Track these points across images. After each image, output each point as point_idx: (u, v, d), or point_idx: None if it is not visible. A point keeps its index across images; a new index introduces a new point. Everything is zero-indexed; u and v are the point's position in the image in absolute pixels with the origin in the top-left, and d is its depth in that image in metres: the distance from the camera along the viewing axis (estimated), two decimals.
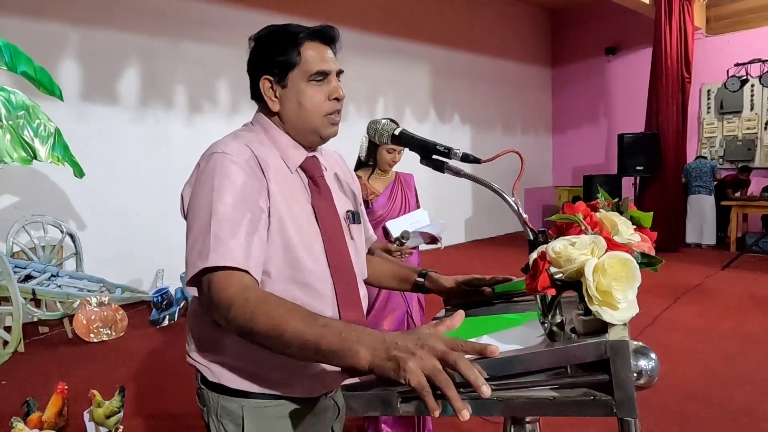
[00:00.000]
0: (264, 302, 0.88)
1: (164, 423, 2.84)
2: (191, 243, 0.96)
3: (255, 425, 1.05)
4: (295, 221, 1.04)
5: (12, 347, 3.71)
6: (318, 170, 1.14)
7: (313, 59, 1.05)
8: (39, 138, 3.10)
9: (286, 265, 1.02)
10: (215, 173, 0.98)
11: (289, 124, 1.09)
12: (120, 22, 5.13)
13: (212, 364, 1.06)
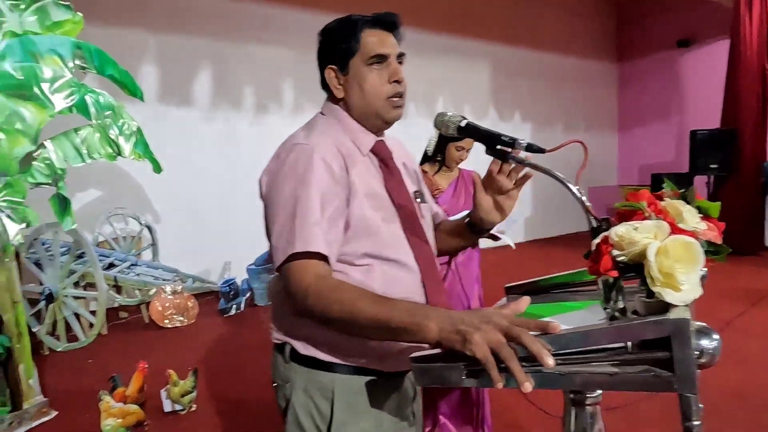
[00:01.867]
0: (336, 290, 0.95)
1: (233, 405, 3.00)
2: (278, 230, 1.02)
3: (344, 399, 1.09)
4: (375, 204, 1.09)
5: (97, 329, 4.03)
6: (387, 153, 1.19)
7: (371, 44, 1.10)
8: (123, 136, 3.35)
9: (376, 246, 1.08)
10: (298, 164, 1.04)
11: (355, 110, 1.15)
12: (193, 27, 5.43)
13: (303, 338, 1.11)
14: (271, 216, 1.05)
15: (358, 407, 1.11)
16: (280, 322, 1.18)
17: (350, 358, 1.10)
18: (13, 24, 2.85)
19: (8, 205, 2.76)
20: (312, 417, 1.12)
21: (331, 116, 1.17)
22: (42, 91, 2.88)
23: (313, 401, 1.12)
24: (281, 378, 1.19)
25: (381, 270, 1.08)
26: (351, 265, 1.07)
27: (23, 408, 2.76)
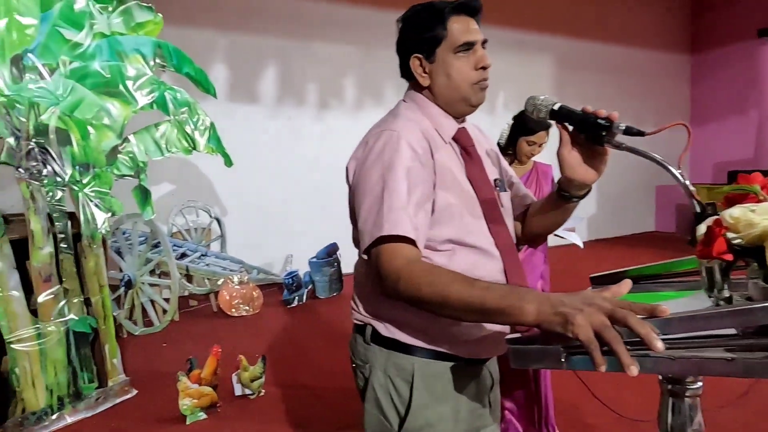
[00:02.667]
0: (428, 273, 0.96)
1: (299, 392, 3.08)
2: (365, 214, 1.04)
3: (423, 383, 1.10)
4: (457, 191, 1.10)
5: (170, 316, 4.24)
6: (469, 140, 1.19)
7: (458, 32, 1.10)
8: (198, 131, 3.50)
9: (459, 233, 1.08)
10: (386, 150, 1.05)
11: (440, 97, 1.15)
12: (259, 27, 5.60)
13: (386, 320, 1.14)
14: (358, 201, 1.07)
15: (438, 392, 1.12)
16: (363, 303, 1.20)
17: (431, 343, 1.11)
18: (102, 26, 3.03)
19: (96, 195, 2.95)
20: (391, 397, 1.14)
21: (413, 103, 1.18)
22: (126, 89, 3.05)
23: (392, 382, 1.13)
24: (360, 358, 1.21)
25: (463, 255, 1.09)
26: (434, 250, 1.08)
27: (108, 385, 2.95)
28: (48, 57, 2.76)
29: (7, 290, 2.52)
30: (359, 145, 1.14)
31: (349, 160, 1.15)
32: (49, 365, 2.68)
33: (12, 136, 2.61)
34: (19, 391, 2.58)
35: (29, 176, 2.68)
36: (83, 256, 2.90)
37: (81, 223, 2.88)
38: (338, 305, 4.87)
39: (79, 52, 2.90)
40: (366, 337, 1.17)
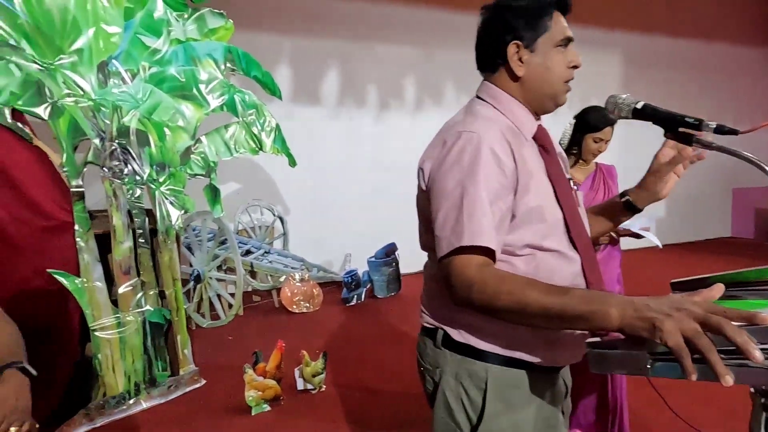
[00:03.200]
0: (502, 280, 0.94)
1: (359, 390, 3.12)
2: (442, 219, 1.01)
3: (497, 391, 1.08)
4: (539, 193, 1.06)
5: (235, 310, 4.40)
6: (548, 139, 1.15)
7: (560, 26, 1.09)
8: (264, 132, 3.63)
9: (539, 237, 1.05)
10: (464, 153, 1.02)
11: (529, 90, 1.11)
12: (322, 30, 5.71)
13: (459, 325, 1.11)
14: (435, 204, 1.04)
15: (512, 400, 1.09)
16: (433, 307, 1.18)
17: (506, 349, 1.08)
18: (178, 32, 3.20)
19: (171, 193, 3.11)
20: (462, 404, 1.12)
21: (491, 100, 1.14)
22: (200, 92, 3.20)
23: (464, 388, 1.12)
24: (430, 362, 1.19)
25: (542, 260, 1.06)
26: (513, 255, 1.05)
27: (180, 374, 3.10)
28: (130, 63, 2.94)
29: (91, 281, 2.70)
30: (434, 144, 1.11)
31: (423, 160, 1.12)
32: (128, 353, 2.85)
33: (98, 137, 2.79)
34: (101, 375, 2.76)
35: (112, 175, 2.86)
36: (159, 250, 3.06)
37: (157, 219, 3.04)
38: (396, 305, 4.90)
39: (158, 57, 3.07)
40: (437, 341, 1.15)
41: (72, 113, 2.68)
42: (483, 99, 1.16)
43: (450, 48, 6.08)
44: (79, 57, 2.69)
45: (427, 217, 1.11)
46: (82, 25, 2.67)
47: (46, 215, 2.57)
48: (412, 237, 4.32)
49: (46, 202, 2.58)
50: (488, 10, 1.14)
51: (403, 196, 6.00)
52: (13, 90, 2.48)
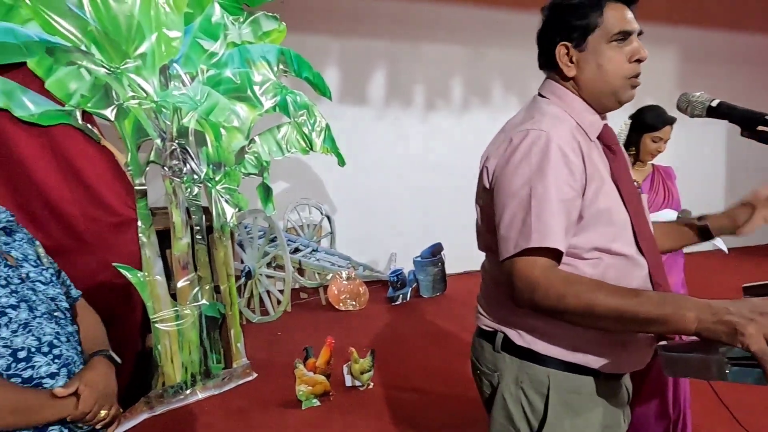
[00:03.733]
0: (569, 282, 0.93)
1: (406, 388, 3.13)
2: (508, 219, 0.99)
3: (560, 397, 1.06)
4: (606, 195, 1.04)
5: (283, 306, 4.50)
6: (613, 138, 1.12)
7: (615, 19, 1.03)
8: (315, 132, 3.70)
9: (606, 240, 1.03)
10: (533, 151, 1.00)
11: (586, 90, 1.08)
12: (369, 30, 5.75)
13: (520, 328, 1.10)
14: (500, 204, 1.03)
15: (574, 406, 1.07)
16: (492, 309, 1.17)
17: (569, 355, 1.06)
18: (234, 36, 3.30)
19: (226, 191, 3.21)
20: (522, 409, 1.11)
21: (555, 97, 1.11)
22: (254, 93, 3.30)
23: (525, 393, 1.10)
24: (488, 366, 1.18)
25: (610, 264, 1.03)
26: (579, 258, 1.03)
27: (233, 367, 3.20)
28: (189, 66, 3.05)
29: (152, 275, 2.82)
30: (499, 141, 1.10)
31: (487, 158, 1.11)
32: (185, 344, 2.96)
33: (159, 137, 2.92)
34: (160, 365, 2.88)
35: (172, 174, 2.98)
36: (214, 247, 3.17)
37: (213, 216, 3.15)
38: (442, 305, 4.88)
39: (215, 60, 3.18)
40: (496, 344, 1.14)
41: (136, 114, 2.81)
42: (546, 96, 1.14)
43: (498, 47, 6.01)
44: (143, 61, 2.82)
45: (489, 217, 1.09)
46: (145, 31, 2.80)
47: (112, 212, 2.70)
48: (457, 237, 4.33)
49: (112, 199, 2.71)
50: (544, 10, 1.13)
51: (448, 197, 6.04)
52: (84, 93, 2.62)
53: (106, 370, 1.15)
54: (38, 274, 1.14)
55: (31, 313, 1.05)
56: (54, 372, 1.04)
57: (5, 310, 1.00)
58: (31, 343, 1.02)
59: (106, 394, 1.10)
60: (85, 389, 1.04)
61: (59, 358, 1.06)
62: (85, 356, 1.17)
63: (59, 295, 1.16)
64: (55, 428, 1.02)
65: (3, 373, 0.98)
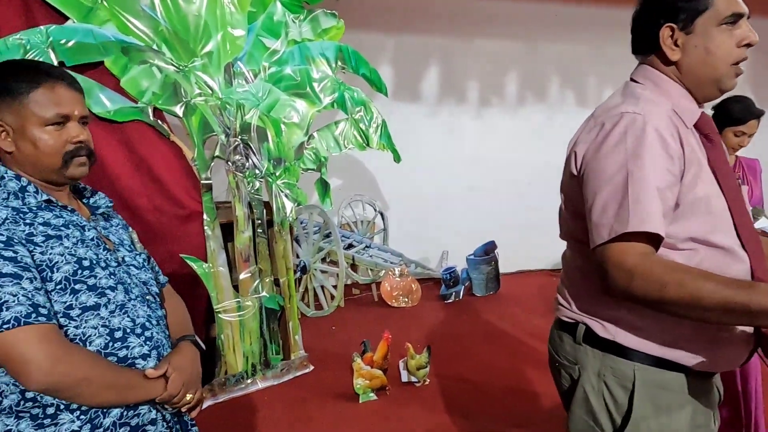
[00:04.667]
0: (672, 270, 0.89)
1: (462, 385, 3.10)
2: (601, 205, 0.96)
3: (646, 392, 1.02)
4: (704, 181, 1.00)
5: (337, 301, 4.54)
6: (711, 126, 1.07)
7: (727, 1, 0.98)
8: (371, 128, 3.72)
9: (704, 230, 0.99)
10: (628, 134, 0.96)
11: (688, 75, 1.04)
12: (423, 27, 5.72)
13: (605, 319, 1.06)
14: (591, 189, 0.99)
15: (662, 403, 1.03)
16: (575, 300, 1.14)
17: (658, 349, 1.02)
18: (294, 34, 3.35)
19: (286, 186, 3.27)
20: (605, 403, 1.07)
21: (650, 83, 1.07)
22: (313, 90, 3.34)
23: (608, 387, 1.07)
24: (567, 358, 1.16)
25: (707, 256, 0.98)
26: (673, 248, 0.98)
27: (291, 358, 3.26)
28: (252, 63, 3.13)
29: (216, 266, 2.91)
30: (589, 127, 1.06)
31: (576, 144, 1.08)
32: (246, 335, 3.04)
33: (223, 133, 3.00)
34: (223, 354, 2.97)
35: (235, 168, 3.06)
36: (274, 240, 3.24)
37: (273, 211, 3.22)
38: (496, 304, 4.81)
39: (276, 58, 3.24)
40: (577, 336, 1.11)
41: (202, 111, 2.90)
42: (639, 82, 1.09)
43: (554, 41, 5.86)
44: (209, 59, 2.91)
45: (575, 204, 1.07)
46: (212, 30, 2.88)
47: (180, 205, 2.81)
48: (511, 236, 4.27)
49: (180, 192, 2.81)
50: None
51: (502, 194, 5.94)
52: (155, 90, 2.73)
53: (192, 355, 1.19)
54: (132, 258, 1.19)
55: (126, 295, 1.09)
56: (146, 353, 1.09)
57: (105, 291, 1.05)
58: (127, 324, 1.07)
59: (192, 378, 1.13)
60: (173, 372, 1.08)
61: (150, 340, 1.10)
62: (171, 340, 1.21)
63: (150, 280, 1.21)
64: (145, 408, 1.07)
65: (101, 351, 1.03)
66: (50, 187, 1.10)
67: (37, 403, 0.97)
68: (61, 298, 1.00)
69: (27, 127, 1.04)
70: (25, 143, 1.04)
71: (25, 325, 0.92)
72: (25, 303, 0.93)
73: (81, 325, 1.01)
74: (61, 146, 1.06)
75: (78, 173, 1.10)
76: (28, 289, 0.94)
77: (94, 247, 1.08)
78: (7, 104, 1.03)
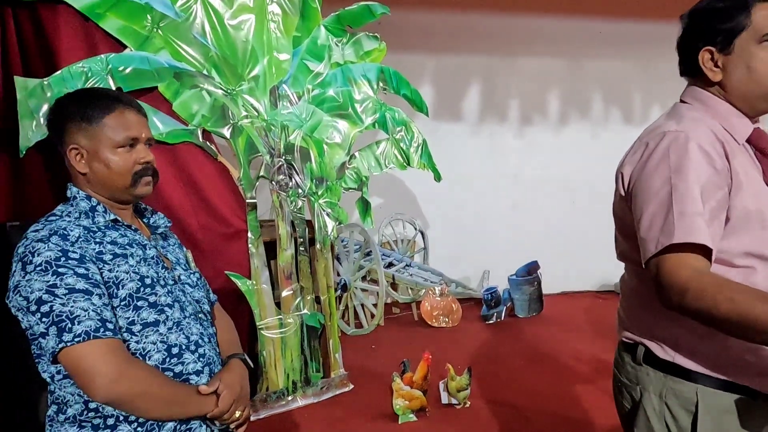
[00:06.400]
0: (724, 287, 0.87)
1: (505, 409, 3.04)
2: (648, 221, 0.97)
3: (710, 416, 1.00)
4: (760, 196, 0.98)
5: (377, 320, 4.54)
6: (766, 141, 1.05)
7: (766, 19, 0.98)
8: (412, 148, 3.75)
9: (761, 245, 0.97)
10: (671, 151, 0.97)
11: (735, 93, 1.04)
12: (464, 46, 5.75)
13: (662, 340, 1.06)
14: (638, 208, 1.00)
15: (727, 428, 0.99)
16: (634, 320, 1.13)
17: (718, 371, 0.99)
18: (337, 56, 3.43)
19: (327, 205, 3.32)
20: (666, 425, 1.05)
21: (698, 102, 1.08)
22: (355, 111, 3.41)
23: (670, 410, 1.05)
24: (629, 378, 1.15)
25: (764, 274, 0.95)
26: (729, 265, 0.96)
27: (331, 376, 3.27)
28: (296, 86, 3.22)
29: (260, 284, 2.97)
30: (635, 148, 1.08)
31: (623, 164, 1.09)
32: (287, 352, 3.08)
33: (268, 154, 3.09)
34: (265, 371, 3.01)
35: (279, 188, 3.13)
36: (315, 259, 3.28)
37: (315, 229, 3.27)
38: (539, 325, 4.70)
39: (319, 80, 3.32)
40: (637, 357, 1.10)
41: (248, 132, 3.00)
42: (687, 102, 1.11)
43: (597, 58, 5.77)
44: (256, 83, 3.01)
45: (626, 225, 1.07)
46: (258, 55, 2.99)
47: (225, 223, 2.89)
48: (554, 256, 4.20)
49: (226, 211, 2.90)
50: (684, 17, 1.10)
51: (544, 214, 5.84)
52: (204, 113, 2.85)
53: (242, 372, 1.22)
54: (187, 277, 1.24)
55: (182, 312, 1.14)
56: (199, 370, 1.12)
57: (164, 308, 1.10)
58: (182, 341, 1.11)
59: (241, 396, 1.16)
60: (224, 389, 1.11)
61: (203, 357, 1.14)
62: (221, 357, 1.25)
63: (203, 298, 1.25)
64: (196, 423, 1.10)
65: (159, 366, 1.07)
66: (117, 207, 1.16)
67: (99, 414, 1.01)
68: (125, 314, 1.05)
69: (100, 149, 1.11)
70: (98, 164, 1.11)
71: (95, 339, 0.97)
72: (94, 318, 0.98)
73: (141, 340, 1.06)
74: (130, 166, 1.13)
75: (145, 192, 1.17)
76: (97, 304, 0.99)
77: (154, 266, 1.13)
78: (83, 129, 1.11)
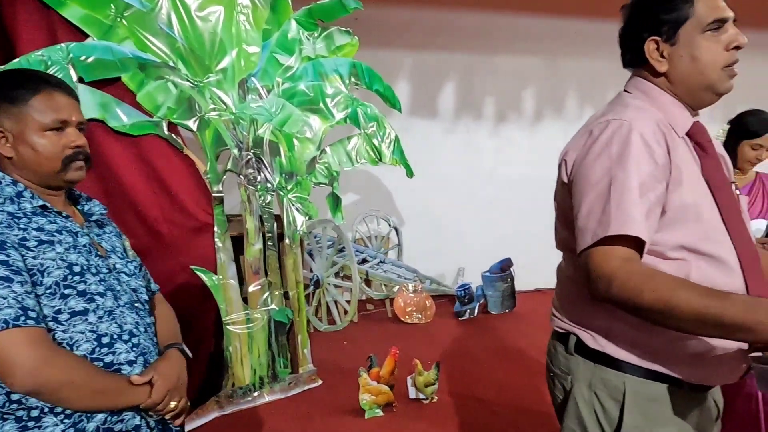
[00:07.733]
0: (650, 276, 0.88)
1: (472, 403, 3.05)
2: (586, 211, 0.96)
3: (637, 405, 1.00)
4: (696, 190, 0.98)
5: (350, 316, 4.53)
6: (706, 136, 1.06)
7: (708, 8, 0.99)
8: (384, 143, 3.74)
9: (695, 238, 0.97)
10: (614, 141, 0.97)
11: (679, 84, 1.04)
12: (441, 44, 5.76)
13: (594, 330, 1.06)
14: (578, 196, 1.00)
15: (653, 416, 1.00)
16: (566, 310, 1.14)
17: (647, 360, 1.00)
18: (308, 50, 3.41)
19: (297, 200, 3.30)
20: (596, 415, 1.06)
21: (641, 93, 1.07)
22: (326, 105, 3.39)
23: (598, 399, 1.05)
24: (560, 368, 1.15)
25: (696, 267, 0.96)
26: (662, 258, 0.97)
27: (299, 372, 3.26)
28: (266, 79, 3.19)
29: (226, 278, 2.94)
30: (579, 135, 1.07)
31: (566, 151, 1.08)
32: (254, 347, 3.05)
33: (236, 147, 3.06)
34: (231, 366, 2.98)
35: (247, 182, 3.10)
36: (284, 254, 3.26)
37: (284, 224, 3.24)
38: (511, 322, 4.73)
39: (290, 74, 3.30)
40: (569, 346, 1.11)
41: (216, 126, 2.96)
42: (629, 92, 1.10)
43: (573, 57, 5.83)
44: (224, 75, 2.97)
45: (566, 213, 1.07)
46: (227, 47, 2.95)
47: (191, 217, 2.85)
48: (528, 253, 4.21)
49: (191, 204, 2.86)
50: (626, 8, 1.10)
51: (519, 211, 5.87)
52: (170, 105, 2.80)
53: (178, 362, 1.20)
54: (123, 265, 1.21)
55: (115, 301, 1.11)
56: (132, 360, 1.10)
57: (94, 296, 1.08)
58: (114, 330, 1.09)
59: (177, 386, 1.14)
60: (158, 379, 1.09)
61: (137, 346, 1.12)
62: (159, 347, 1.23)
63: (140, 287, 1.23)
64: (129, 414, 1.08)
65: (88, 356, 1.05)
66: (47, 192, 1.13)
67: (22, 406, 0.98)
68: (51, 302, 1.02)
69: (27, 132, 1.07)
70: (24, 148, 1.08)
71: (14, 328, 0.94)
72: (14, 306, 0.95)
73: (69, 329, 1.03)
74: (60, 151, 1.10)
75: (76, 177, 1.13)
76: (18, 292, 0.96)
77: (85, 254, 1.10)
78: (7, 111, 1.07)
